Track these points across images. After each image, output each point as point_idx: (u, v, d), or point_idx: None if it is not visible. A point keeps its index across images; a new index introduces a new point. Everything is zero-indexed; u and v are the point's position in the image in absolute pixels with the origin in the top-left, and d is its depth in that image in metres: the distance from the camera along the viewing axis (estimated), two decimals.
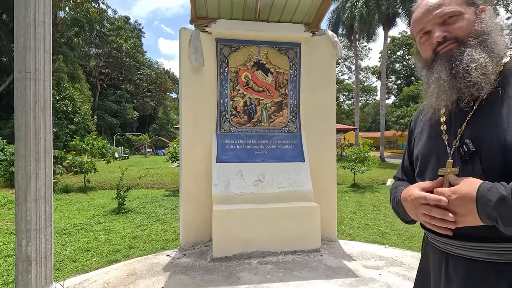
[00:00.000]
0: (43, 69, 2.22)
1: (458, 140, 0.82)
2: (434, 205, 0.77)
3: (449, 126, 0.87)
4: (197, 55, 3.63)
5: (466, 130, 0.82)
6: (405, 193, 0.89)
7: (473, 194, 0.70)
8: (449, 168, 0.81)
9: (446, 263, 0.85)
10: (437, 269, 0.89)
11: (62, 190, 8.09)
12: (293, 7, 3.75)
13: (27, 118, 2.16)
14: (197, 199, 3.72)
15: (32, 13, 2.14)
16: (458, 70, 0.80)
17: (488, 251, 0.76)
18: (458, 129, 0.83)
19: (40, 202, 2.22)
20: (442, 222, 0.76)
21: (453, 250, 0.83)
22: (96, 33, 30.07)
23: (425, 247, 1.00)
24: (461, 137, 0.82)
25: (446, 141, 0.86)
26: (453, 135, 0.85)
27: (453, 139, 0.84)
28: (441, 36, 0.83)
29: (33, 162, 2.18)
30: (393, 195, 1.01)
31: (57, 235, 4.36)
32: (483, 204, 0.68)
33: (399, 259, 3.28)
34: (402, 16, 18.83)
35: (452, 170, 0.80)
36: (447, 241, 0.83)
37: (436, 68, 0.85)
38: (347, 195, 7.81)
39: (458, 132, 0.83)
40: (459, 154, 0.81)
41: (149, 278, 2.84)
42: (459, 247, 0.81)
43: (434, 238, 0.89)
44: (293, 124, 4.01)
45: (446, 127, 0.87)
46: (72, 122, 16.06)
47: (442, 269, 0.86)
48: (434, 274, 0.91)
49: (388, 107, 30.87)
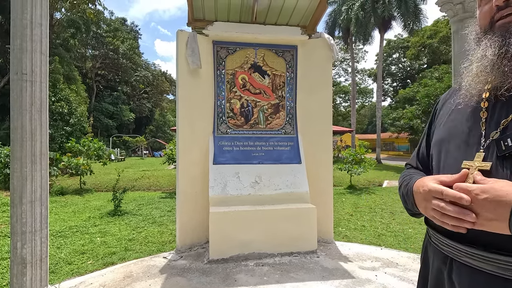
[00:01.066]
0: (40, 71, 2.21)
1: (499, 131, 0.69)
2: (450, 202, 0.66)
3: (491, 114, 0.73)
4: (194, 57, 3.64)
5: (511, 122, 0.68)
6: (418, 183, 0.78)
7: (510, 198, 0.58)
8: (478, 161, 0.68)
9: (450, 268, 0.75)
10: (436, 273, 0.80)
11: (57, 192, 8.03)
12: (290, 10, 3.78)
13: (23, 120, 2.15)
14: (194, 201, 3.71)
15: (29, 15, 2.13)
16: (509, 49, 0.67)
17: (503, 265, 0.64)
18: (503, 120, 0.70)
19: (36, 204, 2.21)
20: (456, 221, 0.65)
21: (458, 256, 0.72)
22: (93, 35, 29.95)
23: (426, 246, 0.90)
24: (504, 128, 0.69)
25: (483, 130, 0.73)
26: (494, 125, 0.71)
27: (494, 129, 0.70)
28: (502, 0, 0.69)
29: (29, 164, 2.17)
30: (406, 182, 0.87)
31: (52, 237, 4.32)
32: None
33: (395, 260, 3.30)
34: (398, 19, 19.03)
35: (482, 165, 0.67)
36: (453, 244, 0.73)
37: (484, 43, 0.72)
38: (343, 197, 7.84)
39: (502, 123, 0.70)
40: (498, 148, 0.68)
41: (146, 281, 2.83)
42: (467, 254, 0.70)
43: (438, 238, 0.79)
44: (289, 126, 4.03)
45: (487, 114, 0.74)
46: (68, 123, 15.95)
47: (444, 274, 0.77)
48: (435, 278, 0.81)
49: (384, 109, 31.08)
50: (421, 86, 18.89)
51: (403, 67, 37.64)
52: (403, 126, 18.89)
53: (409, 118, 17.94)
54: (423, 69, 31.61)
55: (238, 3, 3.64)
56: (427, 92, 16.62)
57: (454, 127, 0.80)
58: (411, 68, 35.90)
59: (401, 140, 27.89)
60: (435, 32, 28.71)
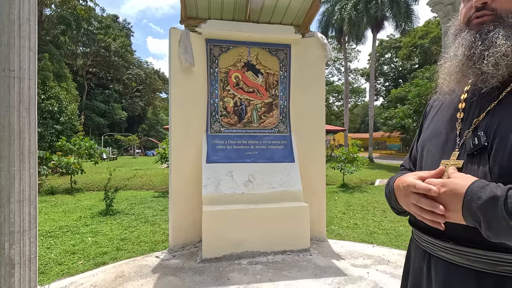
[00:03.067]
0: (28, 68, 2.17)
1: (471, 130, 0.72)
2: (424, 195, 0.69)
3: (467, 114, 0.76)
4: (187, 55, 3.61)
5: (483, 120, 0.71)
6: (398, 180, 0.81)
7: (463, 190, 0.62)
8: (453, 160, 0.73)
9: (428, 264, 0.79)
10: (418, 269, 0.84)
11: (47, 192, 7.89)
12: (283, 9, 3.78)
13: (11, 117, 2.10)
14: (187, 200, 3.69)
15: (17, 10, 2.08)
16: (475, 52, 0.69)
17: (471, 257, 0.68)
18: (475, 119, 0.73)
19: (24, 204, 2.17)
20: (431, 215, 0.68)
21: (435, 251, 0.76)
22: (84, 32, 29.48)
23: (410, 244, 0.94)
24: (475, 128, 0.72)
25: (458, 130, 0.75)
26: (468, 124, 0.74)
27: (467, 129, 0.74)
28: (481, 1, 0.71)
29: (17, 163, 2.12)
30: (388, 182, 0.91)
31: (42, 237, 4.25)
32: (470, 201, 0.61)
33: (386, 258, 3.34)
34: (390, 19, 19.23)
35: (455, 163, 0.72)
36: (431, 240, 0.77)
37: (458, 41, 0.74)
38: (336, 195, 7.90)
39: (473, 122, 0.73)
40: (467, 146, 0.71)
41: (138, 280, 2.80)
42: (441, 249, 0.74)
43: (418, 235, 0.83)
44: (283, 124, 4.04)
45: (463, 115, 0.76)
46: (58, 122, 15.64)
47: (423, 269, 0.81)
48: (415, 273, 0.85)
49: (377, 108, 31.42)
50: (413, 86, 19.12)
51: (395, 67, 38.09)
52: (395, 125, 19.12)
53: (400, 118, 18.16)
54: (415, 69, 32.04)
55: (231, 1, 3.63)
56: (419, 92, 16.84)
57: (435, 128, 0.84)
58: (403, 68, 36.36)
59: (393, 139, 28.23)
60: (426, 33, 29.12)
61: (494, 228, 0.58)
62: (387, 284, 2.71)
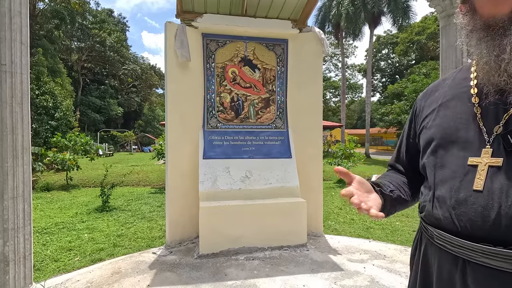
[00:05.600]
0: (20, 62, 2.12)
1: (502, 126, 0.66)
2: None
3: (486, 109, 0.71)
4: (183, 50, 3.57)
5: None
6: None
7: None
8: (486, 157, 0.66)
9: (463, 272, 0.68)
10: (446, 277, 0.72)
11: (42, 188, 7.83)
12: (280, 3, 3.74)
13: (3, 113, 2.06)
14: (184, 196, 3.68)
15: (7, 2, 2.03)
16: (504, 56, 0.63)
17: None
18: (501, 113, 0.68)
19: (18, 200, 2.14)
20: None
21: (473, 256, 0.65)
22: (78, 26, 29.03)
23: (425, 249, 0.81)
24: (505, 123, 0.66)
25: (482, 125, 0.70)
26: (492, 119, 0.69)
27: (493, 124, 0.68)
28: None
29: (10, 159, 2.09)
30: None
31: (38, 234, 4.22)
32: None
33: (382, 253, 3.37)
34: (387, 15, 19.18)
35: (492, 162, 0.65)
36: (468, 245, 0.66)
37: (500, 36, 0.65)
38: (333, 191, 7.94)
39: (503, 117, 0.67)
40: (505, 142, 0.65)
41: (135, 276, 2.79)
42: (483, 255, 0.64)
43: (444, 238, 0.72)
44: (280, 120, 4.02)
45: (481, 109, 0.71)
46: (53, 118, 15.46)
47: (455, 277, 0.70)
48: (443, 282, 0.74)
49: (374, 104, 31.43)
50: (409, 82, 19.18)
51: (392, 63, 38.11)
52: (392, 121, 19.19)
53: (397, 113, 18.23)
54: (411, 65, 32.08)
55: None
56: (415, 87, 16.89)
57: (446, 123, 0.76)
58: (400, 64, 36.38)
59: (389, 135, 28.35)
60: (423, 29, 29.10)
61: None
62: (383, 279, 2.73)
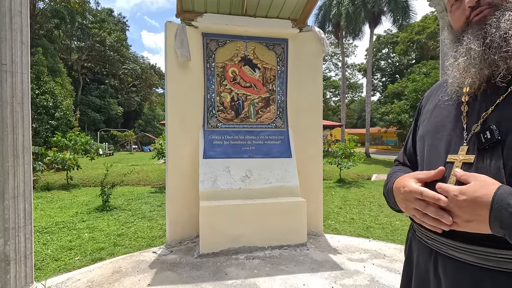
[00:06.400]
0: (20, 62, 2.13)
1: (480, 124, 0.70)
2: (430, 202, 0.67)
3: (472, 108, 0.74)
4: (183, 50, 3.57)
5: (492, 114, 0.69)
6: (398, 183, 0.79)
7: (488, 198, 0.58)
8: (462, 155, 0.70)
9: (435, 262, 0.76)
10: (423, 267, 0.80)
11: (43, 188, 7.83)
12: (280, 2, 3.74)
13: (4, 112, 2.07)
14: (184, 195, 3.68)
15: (8, 2, 2.04)
16: (494, 39, 0.67)
17: (484, 256, 0.65)
18: (483, 112, 0.71)
19: (19, 200, 2.15)
20: (435, 222, 0.67)
21: (443, 249, 0.73)
22: (78, 26, 29.02)
23: (410, 242, 0.90)
24: (484, 121, 0.70)
25: (464, 124, 0.74)
26: (475, 118, 0.72)
27: (475, 123, 0.72)
28: (474, 0, 0.72)
29: (10, 158, 2.09)
30: (386, 182, 0.90)
31: (38, 233, 4.22)
32: (500, 210, 0.57)
33: (382, 252, 3.37)
34: (387, 14, 19.17)
35: (465, 158, 0.69)
36: (439, 238, 0.74)
37: (466, 38, 0.72)
38: (333, 190, 7.94)
39: (482, 116, 0.71)
40: (478, 141, 0.69)
41: (135, 276, 2.80)
42: (451, 247, 0.71)
43: (423, 233, 0.80)
44: (280, 120, 4.03)
45: (468, 108, 0.75)
46: (53, 117, 15.45)
47: (430, 268, 0.77)
48: (420, 271, 0.82)
49: (374, 104, 31.44)
50: (409, 81, 19.17)
51: (392, 62, 38.10)
52: (392, 120, 19.20)
53: (397, 113, 18.23)
54: (412, 64, 32.07)
55: None
56: (415, 87, 16.89)
57: (437, 122, 0.82)
58: (400, 64, 36.36)
59: (389, 134, 28.37)
60: (423, 28, 29.08)
61: None
62: (383, 278, 2.73)
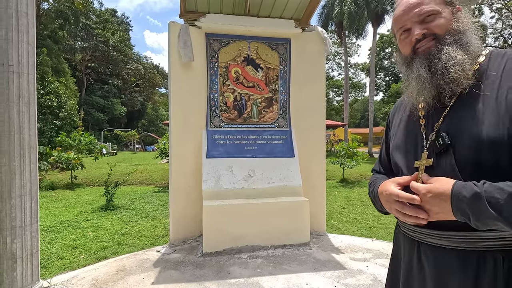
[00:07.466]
0: (27, 62, 2.15)
1: (435, 133, 0.85)
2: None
3: (428, 120, 0.90)
4: (187, 50, 3.59)
5: (443, 124, 0.85)
6: (381, 187, 0.93)
7: (448, 193, 0.73)
8: (424, 159, 0.86)
9: (418, 251, 0.88)
10: (408, 258, 0.93)
11: (47, 187, 7.90)
12: (283, 2, 3.75)
13: (11, 112, 2.10)
14: (187, 195, 3.71)
15: (14, 4, 2.07)
16: (437, 68, 0.83)
17: (456, 239, 0.79)
18: (436, 123, 0.87)
19: (25, 199, 2.18)
20: (414, 219, 0.80)
21: (423, 238, 0.86)
22: (82, 26, 29.23)
23: (396, 236, 1.04)
24: (437, 130, 0.85)
25: (423, 134, 0.90)
26: (430, 129, 0.88)
27: (430, 132, 0.87)
28: (420, 34, 0.87)
29: (17, 158, 2.12)
30: (371, 188, 1.04)
31: (43, 232, 4.27)
32: (457, 201, 0.71)
33: (385, 252, 3.37)
34: (391, 13, 19.06)
35: (426, 162, 0.84)
36: (419, 229, 0.87)
37: (415, 66, 0.89)
38: (336, 190, 7.93)
39: (435, 126, 0.87)
40: (435, 147, 0.84)
41: (139, 274, 2.83)
42: (429, 236, 0.84)
43: (405, 227, 0.93)
44: (283, 119, 4.03)
45: (425, 121, 0.91)
46: (57, 117, 15.59)
47: (414, 257, 0.90)
48: (405, 262, 0.94)
49: (377, 103, 31.33)
50: None
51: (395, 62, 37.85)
52: None
53: None
54: None
55: None
56: None
57: (403, 135, 0.98)
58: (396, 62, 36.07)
59: None
60: None
61: (482, 219, 0.69)
62: None
